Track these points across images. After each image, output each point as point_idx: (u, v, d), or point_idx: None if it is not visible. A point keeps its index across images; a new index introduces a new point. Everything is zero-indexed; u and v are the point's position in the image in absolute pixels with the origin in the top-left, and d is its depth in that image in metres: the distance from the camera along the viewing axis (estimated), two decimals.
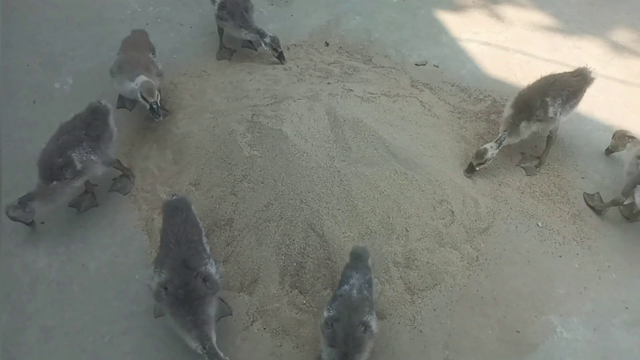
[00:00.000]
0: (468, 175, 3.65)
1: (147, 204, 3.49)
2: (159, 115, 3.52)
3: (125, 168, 3.60)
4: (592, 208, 3.63)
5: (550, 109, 3.56)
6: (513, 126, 3.58)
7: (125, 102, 3.90)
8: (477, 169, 3.61)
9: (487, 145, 3.57)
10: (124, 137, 3.80)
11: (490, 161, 3.61)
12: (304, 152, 3.30)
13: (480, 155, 3.55)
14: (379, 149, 3.41)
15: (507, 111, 3.64)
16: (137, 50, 3.82)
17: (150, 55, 3.85)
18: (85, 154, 3.22)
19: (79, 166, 3.18)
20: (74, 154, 3.17)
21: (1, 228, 3.33)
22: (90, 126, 3.31)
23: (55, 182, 3.12)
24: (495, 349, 3.02)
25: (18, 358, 2.87)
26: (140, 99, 3.50)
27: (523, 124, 3.57)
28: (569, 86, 3.65)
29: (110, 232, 3.39)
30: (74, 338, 2.94)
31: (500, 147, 3.60)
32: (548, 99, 3.56)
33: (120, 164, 3.55)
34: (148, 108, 3.50)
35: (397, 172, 3.40)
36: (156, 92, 3.48)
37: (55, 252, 3.27)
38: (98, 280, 3.17)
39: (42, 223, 3.39)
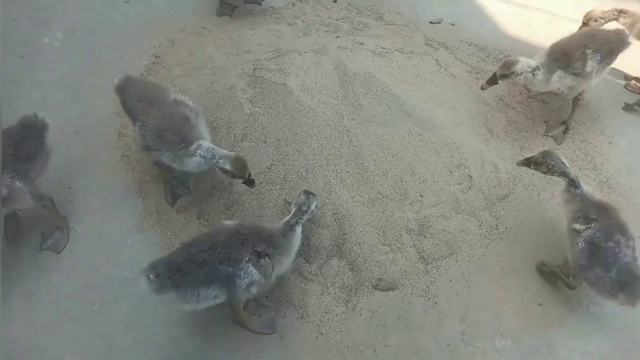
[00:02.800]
0: (487, 86, 3.23)
1: (141, 166, 3.24)
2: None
3: (58, 215, 2.92)
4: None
5: (589, 63, 3.26)
6: (546, 74, 3.26)
7: None
8: (500, 81, 3.21)
9: (520, 58, 3.20)
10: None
11: (517, 78, 3.20)
12: (310, 109, 3.03)
13: (508, 65, 3.14)
14: (393, 108, 3.13)
15: (540, 59, 3.31)
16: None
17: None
18: (10, 179, 2.61)
19: (4, 192, 2.59)
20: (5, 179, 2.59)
21: None
22: (19, 146, 2.70)
23: None
24: (516, 323, 2.79)
25: (1, 323, 2.65)
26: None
27: (558, 73, 3.26)
28: (609, 42, 3.34)
29: (102, 194, 3.14)
30: (60, 305, 2.72)
31: (530, 72, 3.19)
32: (588, 52, 3.26)
33: (53, 206, 2.87)
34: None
35: (411, 133, 3.13)
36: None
37: (41, 215, 3.02)
38: (87, 245, 2.94)
39: None
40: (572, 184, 2.77)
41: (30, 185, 2.70)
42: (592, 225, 2.64)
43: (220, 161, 2.67)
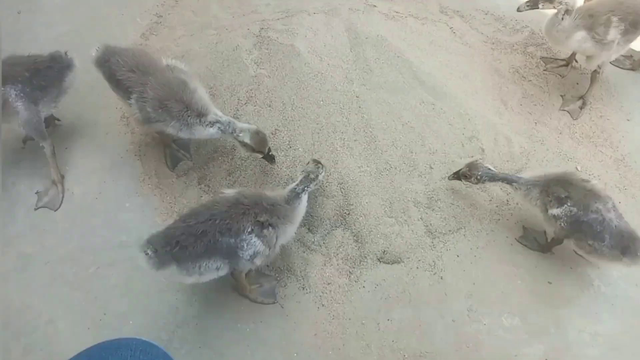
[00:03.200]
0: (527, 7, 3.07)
1: (140, 128, 3.12)
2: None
3: (57, 168, 2.86)
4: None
5: (612, 31, 3.08)
6: (570, 28, 3.09)
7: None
8: (541, 5, 3.06)
9: None
10: None
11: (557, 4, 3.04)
12: (319, 72, 2.89)
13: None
14: (405, 74, 2.99)
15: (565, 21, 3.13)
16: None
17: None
18: (14, 96, 2.60)
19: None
20: (6, 89, 2.58)
21: None
22: (38, 73, 2.69)
23: None
24: (525, 301, 2.70)
25: None
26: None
27: (581, 33, 3.09)
28: (636, 13, 3.15)
29: (99, 156, 3.03)
30: (55, 267, 2.64)
31: (564, 9, 3.04)
32: (614, 19, 3.08)
33: (52, 155, 2.82)
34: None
35: (423, 102, 2.99)
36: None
37: (38, 174, 2.93)
38: (84, 207, 2.85)
39: (23, 147, 3.04)
40: (508, 181, 2.72)
41: (33, 113, 2.67)
42: (568, 202, 2.56)
43: (240, 134, 2.57)
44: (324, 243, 2.78)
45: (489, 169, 2.72)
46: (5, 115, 2.65)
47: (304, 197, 2.49)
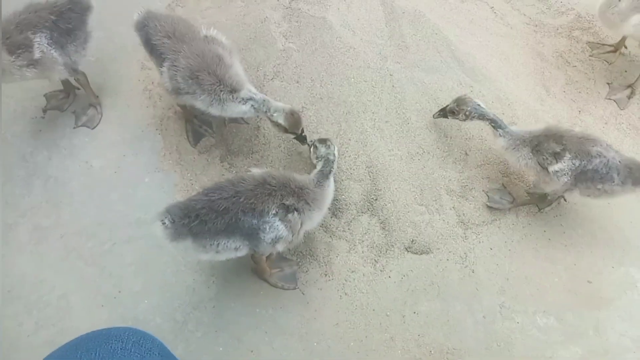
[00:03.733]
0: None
1: (163, 101, 3.00)
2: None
3: (91, 91, 2.91)
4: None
5: None
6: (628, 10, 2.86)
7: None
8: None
9: None
10: None
11: None
12: (351, 48, 2.72)
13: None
14: (443, 53, 2.80)
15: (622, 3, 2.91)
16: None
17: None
18: (47, 44, 2.53)
19: (37, 55, 2.51)
20: (36, 38, 2.49)
21: None
22: (62, 16, 2.59)
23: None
24: (561, 300, 2.53)
25: (8, 255, 2.50)
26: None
27: (638, 17, 2.86)
28: None
29: (120, 128, 2.92)
30: (70, 241, 2.55)
31: None
32: None
33: (86, 81, 2.85)
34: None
35: (460, 83, 2.80)
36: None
37: (56, 145, 2.84)
38: (102, 180, 2.74)
39: (43, 117, 2.94)
40: (495, 124, 2.52)
41: (65, 56, 2.61)
42: (566, 155, 2.41)
43: (274, 114, 2.44)
44: (349, 229, 2.63)
45: (479, 104, 2.53)
46: (43, 71, 2.57)
47: (331, 180, 2.35)
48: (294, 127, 2.47)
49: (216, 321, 2.40)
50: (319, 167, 2.35)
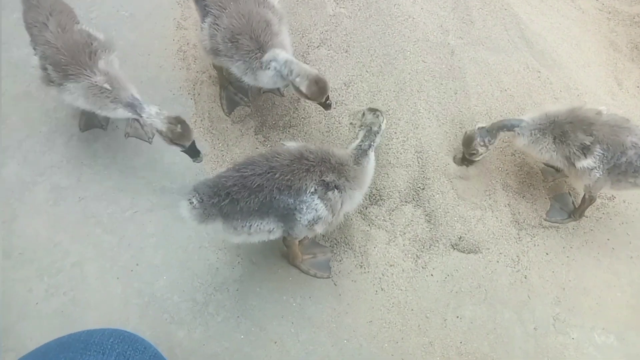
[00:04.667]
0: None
1: (197, 64, 2.78)
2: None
3: None
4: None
5: None
6: None
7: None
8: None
9: None
10: None
11: None
12: (409, 17, 2.45)
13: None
14: (511, 31, 2.52)
15: None
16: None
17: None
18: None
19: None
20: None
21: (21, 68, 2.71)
22: None
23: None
24: (623, 317, 2.26)
25: (22, 215, 2.33)
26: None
27: None
28: None
29: (150, 90, 2.70)
30: (88, 205, 2.37)
31: None
32: None
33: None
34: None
35: (527, 67, 2.52)
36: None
37: None
38: (127, 143, 2.55)
39: None
40: (509, 128, 2.16)
41: None
42: (597, 148, 2.08)
43: (297, 79, 2.14)
44: (390, 218, 2.39)
45: (482, 127, 2.19)
46: None
47: (372, 156, 2.09)
48: (316, 95, 2.17)
49: (239, 306, 2.20)
50: (359, 137, 2.09)
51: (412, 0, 2.47)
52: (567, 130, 2.11)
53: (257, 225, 1.91)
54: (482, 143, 2.19)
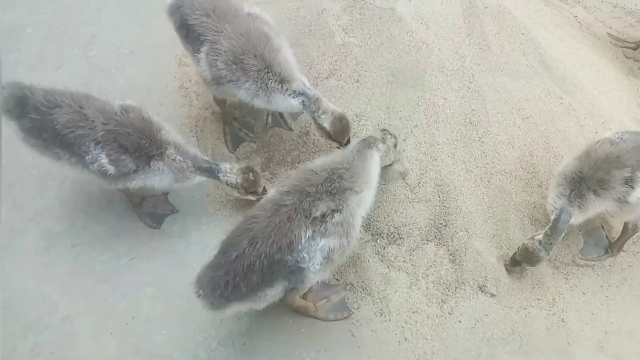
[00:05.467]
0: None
1: (200, 100, 2.66)
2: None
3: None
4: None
5: None
6: None
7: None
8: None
9: None
10: None
11: None
12: (424, 44, 2.33)
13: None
14: (529, 56, 2.40)
15: None
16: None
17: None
18: None
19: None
20: None
21: None
22: None
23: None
24: None
25: (9, 264, 2.14)
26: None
27: None
28: None
29: None
30: (82, 252, 2.18)
31: None
32: None
33: None
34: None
35: (549, 93, 2.38)
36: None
37: None
38: None
39: None
40: (564, 229, 2.00)
41: None
42: (638, 174, 1.94)
43: (322, 116, 2.08)
44: (410, 259, 2.19)
45: (546, 240, 2.00)
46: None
47: (376, 154, 1.94)
48: (339, 134, 2.11)
49: None
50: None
51: (426, 27, 2.36)
52: (600, 176, 1.95)
53: (270, 292, 1.77)
54: (546, 254, 2.01)
